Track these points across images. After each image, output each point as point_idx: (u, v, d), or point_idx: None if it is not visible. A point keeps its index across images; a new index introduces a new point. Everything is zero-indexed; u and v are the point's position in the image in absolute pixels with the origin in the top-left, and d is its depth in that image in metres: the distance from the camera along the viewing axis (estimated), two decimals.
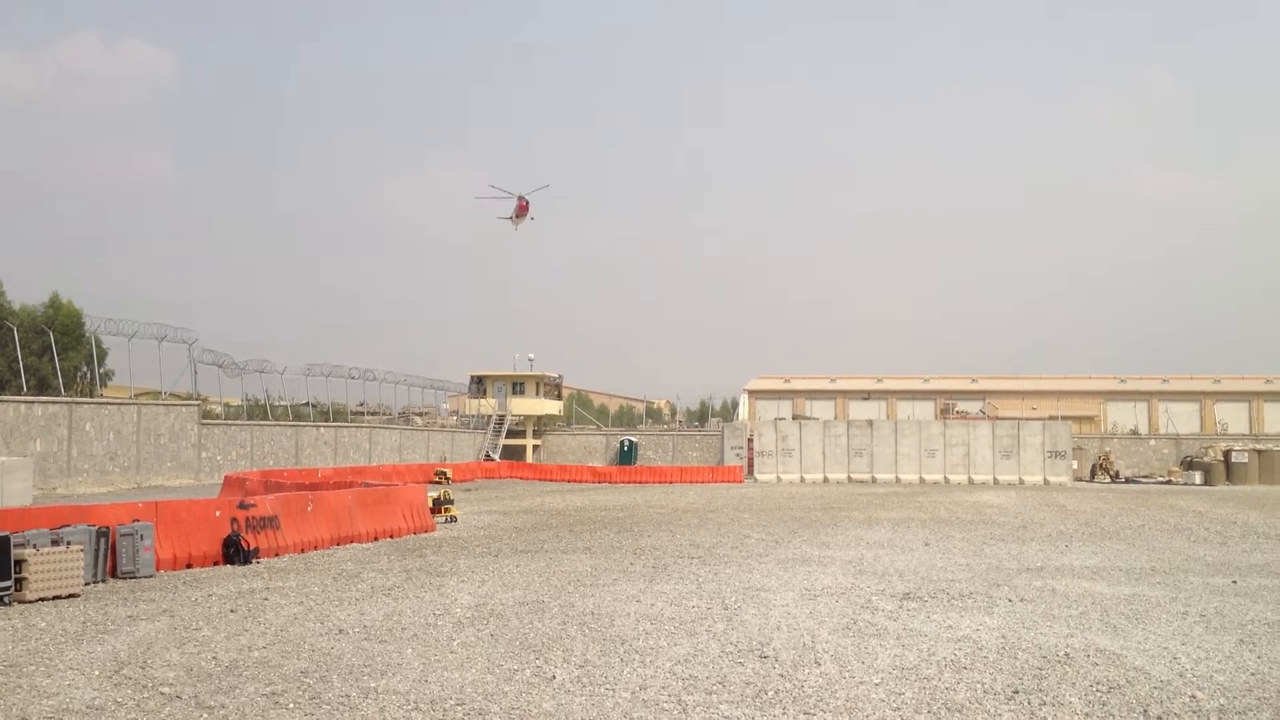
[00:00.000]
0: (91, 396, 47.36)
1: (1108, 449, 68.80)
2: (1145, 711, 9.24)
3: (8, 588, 14.72)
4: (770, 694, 9.75)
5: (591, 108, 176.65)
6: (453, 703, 9.41)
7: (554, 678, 10.35)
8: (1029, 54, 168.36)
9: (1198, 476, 61.74)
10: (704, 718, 9.00)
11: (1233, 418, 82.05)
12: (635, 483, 59.00)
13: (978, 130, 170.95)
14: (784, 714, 9.11)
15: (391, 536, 24.56)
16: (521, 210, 67.12)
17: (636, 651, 11.57)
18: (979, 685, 10.11)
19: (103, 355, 52.08)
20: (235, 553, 19.44)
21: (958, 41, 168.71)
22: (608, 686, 10.01)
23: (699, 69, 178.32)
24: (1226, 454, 63.57)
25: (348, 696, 9.62)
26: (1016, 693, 9.83)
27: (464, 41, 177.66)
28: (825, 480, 61.17)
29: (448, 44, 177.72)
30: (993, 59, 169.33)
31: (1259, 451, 63.02)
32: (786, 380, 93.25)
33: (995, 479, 60.04)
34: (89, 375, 51.26)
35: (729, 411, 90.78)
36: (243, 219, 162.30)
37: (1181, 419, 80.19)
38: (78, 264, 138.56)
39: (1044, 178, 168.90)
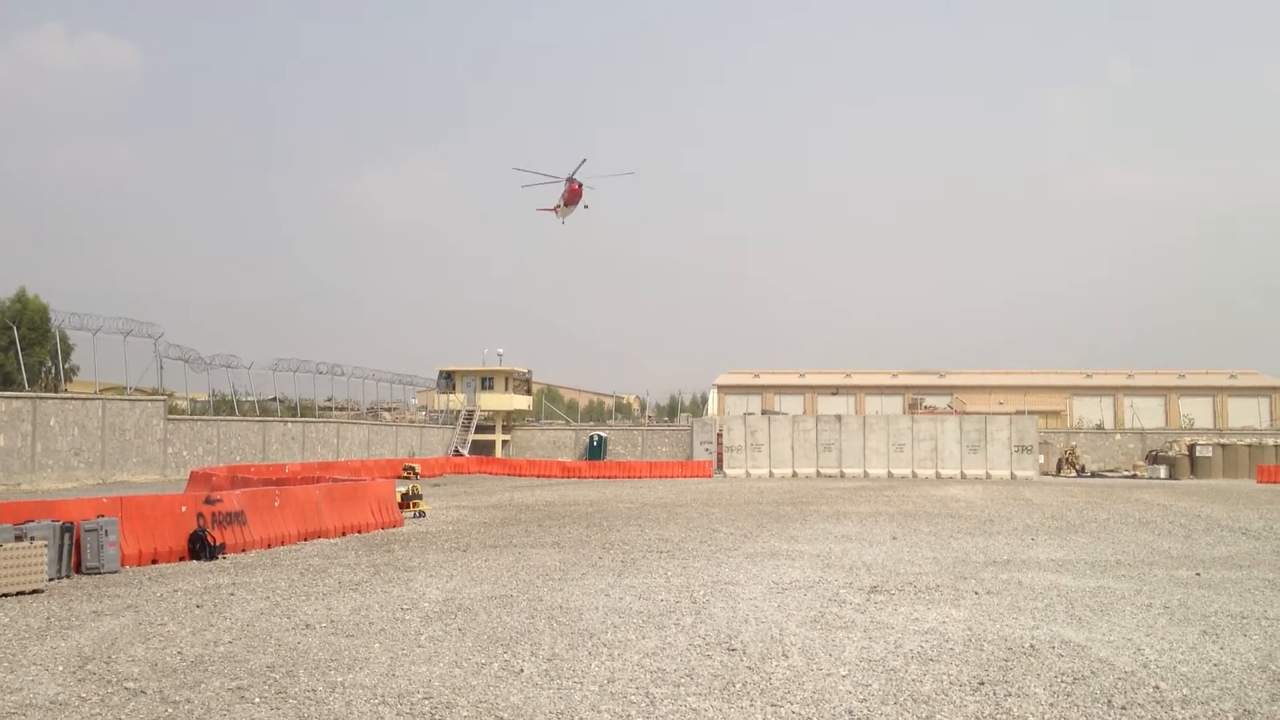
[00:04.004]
0: (56, 392, 46.89)
1: (1074, 443, 69.39)
2: (1109, 702, 9.32)
3: None
4: (738, 686, 9.77)
5: (563, 109, 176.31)
6: (420, 696, 9.38)
7: (522, 671, 10.33)
8: (990, 52, 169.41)
9: (1162, 470, 62.38)
10: (672, 710, 9.00)
11: (1198, 412, 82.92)
12: (605, 478, 59.00)
13: (942, 129, 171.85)
14: (751, 706, 9.14)
15: (359, 532, 24.44)
16: (573, 196, 54.39)
17: (605, 645, 11.57)
18: (945, 677, 10.17)
19: (68, 350, 51.60)
20: (201, 548, 19.28)
21: (923, 40, 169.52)
22: (576, 679, 10.00)
23: (671, 73, 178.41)
24: (1191, 448, 64.26)
25: (314, 691, 9.57)
26: (982, 684, 9.90)
27: (433, 38, 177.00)
28: (794, 475, 61.36)
29: (418, 39, 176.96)
30: (955, 58, 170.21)
31: (1223, 446, 63.74)
32: (756, 375, 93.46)
33: (962, 473, 60.41)
34: (54, 370, 50.74)
35: (698, 407, 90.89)
36: (210, 214, 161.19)
37: (1147, 413, 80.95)
38: (44, 258, 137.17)
39: (1009, 175, 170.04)
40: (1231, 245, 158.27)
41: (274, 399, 60.82)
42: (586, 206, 54.74)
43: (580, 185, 53.83)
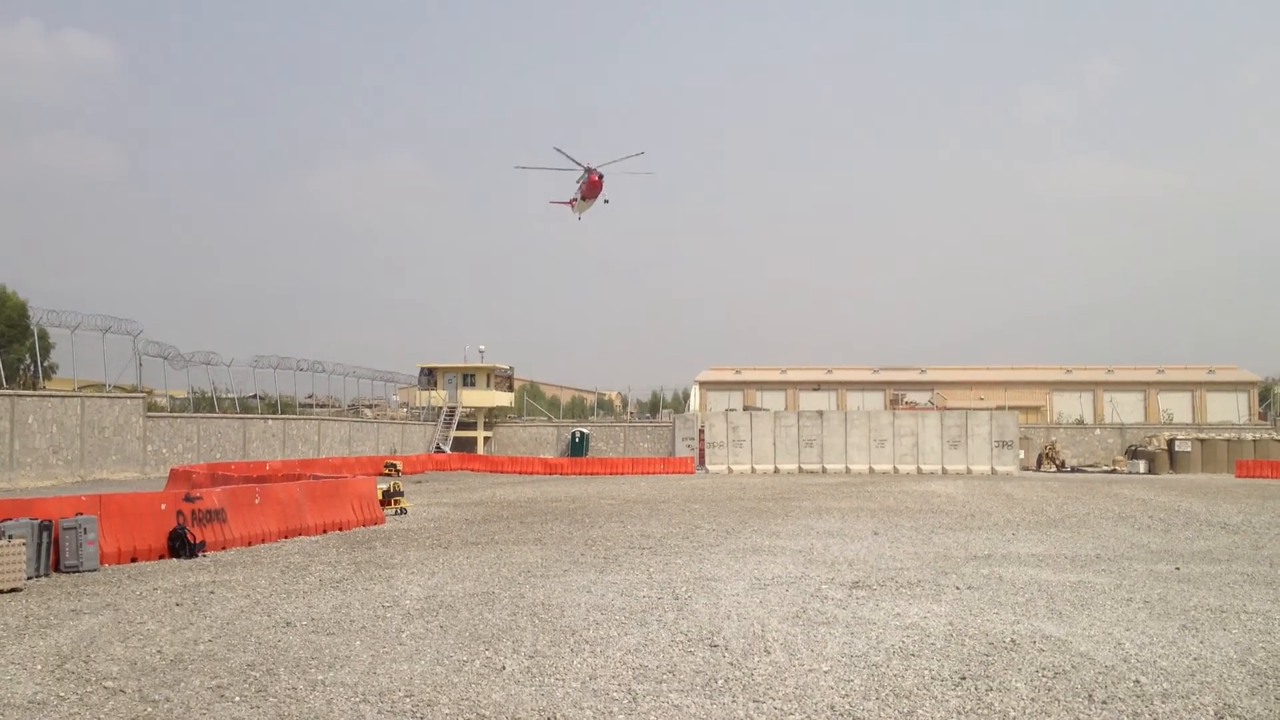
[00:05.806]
0: (34, 389, 46.54)
1: (1054, 438, 69.65)
2: (1090, 696, 9.36)
3: None
4: (720, 682, 9.77)
5: (543, 101, 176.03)
6: (401, 694, 9.35)
7: (504, 668, 10.31)
8: (971, 47, 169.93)
9: (1142, 465, 62.71)
10: (654, 706, 8.99)
11: (1177, 407, 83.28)
12: (586, 474, 58.95)
13: (924, 124, 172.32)
14: (734, 702, 9.13)
15: (340, 529, 24.35)
16: (592, 188, 49.92)
17: (587, 641, 11.56)
18: (927, 672, 10.19)
19: (46, 348, 51.17)
20: (181, 546, 19.18)
21: (902, 35, 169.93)
22: (558, 676, 9.99)
23: (651, 71, 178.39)
24: (1170, 443, 64.61)
25: (295, 689, 9.52)
26: (964, 679, 9.92)
27: (411, 37, 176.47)
28: (776, 471, 61.41)
29: (392, 38, 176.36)
30: (937, 52, 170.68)
31: (1202, 440, 64.10)
32: (737, 371, 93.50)
33: (943, 469, 60.60)
34: (32, 368, 50.34)
35: (680, 403, 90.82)
36: (189, 210, 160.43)
37: (1126, 408, 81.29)
38: (21, 255, 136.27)
39: (989, 170, 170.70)
40: (1213, 242, 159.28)
41: (254, 396, 60.47)
42: (607, 201, 50.68)
43: (600, 177, 49.81)
